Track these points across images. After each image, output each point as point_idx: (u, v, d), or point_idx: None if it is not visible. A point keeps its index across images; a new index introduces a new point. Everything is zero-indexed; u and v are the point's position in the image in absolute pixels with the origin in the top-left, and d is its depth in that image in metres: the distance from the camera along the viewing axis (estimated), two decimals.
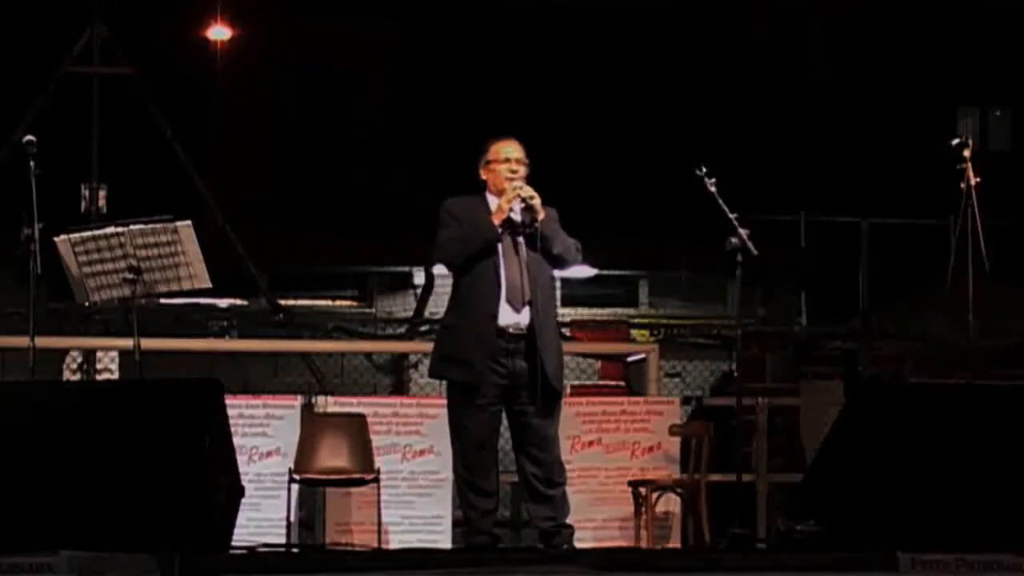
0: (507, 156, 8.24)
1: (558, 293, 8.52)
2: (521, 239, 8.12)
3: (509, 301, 8.06)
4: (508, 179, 8.17)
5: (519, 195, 8.09)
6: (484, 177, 8.32)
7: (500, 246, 8.10)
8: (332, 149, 19.84)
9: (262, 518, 9.52)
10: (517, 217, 8.12)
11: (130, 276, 8.96)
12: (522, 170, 8.22)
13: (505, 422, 8.27)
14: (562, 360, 8.36)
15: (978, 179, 9.31)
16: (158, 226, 9.06)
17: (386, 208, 18.16)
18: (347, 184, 19.24)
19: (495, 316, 8.04)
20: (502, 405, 8.15)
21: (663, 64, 19.53)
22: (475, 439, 8.13)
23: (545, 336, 8.09)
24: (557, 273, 8.40)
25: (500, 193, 8.17)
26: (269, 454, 9.88)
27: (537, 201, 8.09)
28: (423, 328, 16.71)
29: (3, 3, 17.75)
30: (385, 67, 20.15)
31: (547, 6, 19.66)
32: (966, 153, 9.41)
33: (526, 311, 8.06)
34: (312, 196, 19.08)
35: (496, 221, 8.10)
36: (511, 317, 8.06)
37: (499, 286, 8.06)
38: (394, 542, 9.82)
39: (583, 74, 19.41)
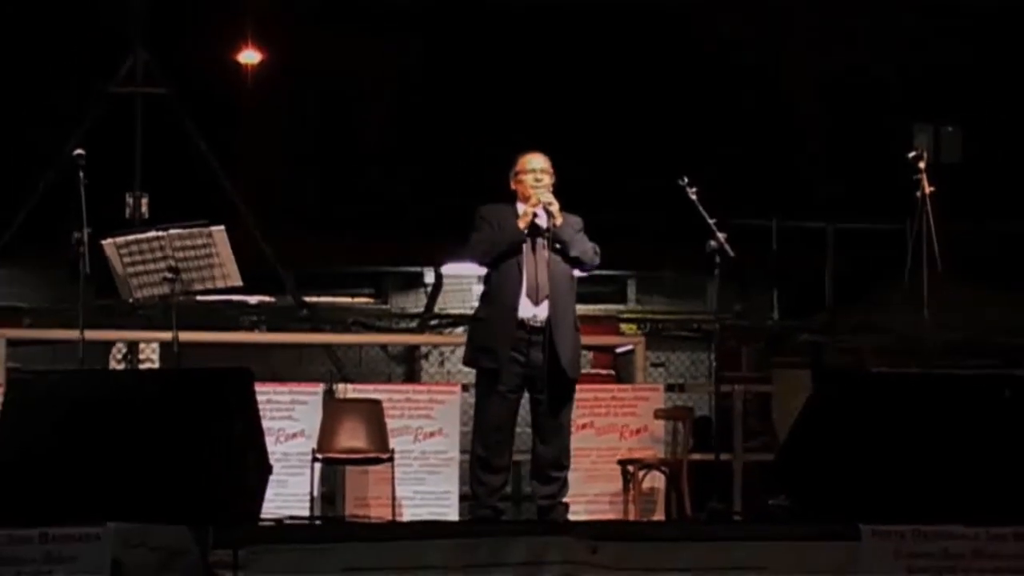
0: (532, 167, 8.29)
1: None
2: (543, 241, 8.15)
3: (529, 296, 8.11)
4: (533, 187, 8.21)
5: (540, 201, 8.14)
6: (513, 187, 8.37)
7: (524, 247, 8.13)
8: (349, 159, 19.85)
9: (288, 493, 9.52)
10: (542, 222, 8.16)
11: (169, 275, 8.99)
12: (546, 179, 8.26)
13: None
14: (579, 352, 8.40)
15: (932, 188, 9.34)
16: (194, 230, 9.08)
17: (399, 213, 18.17)
18: (363, 191, 19.25)
19: (516, 309, 8.10)
20: (522, 392, 8.19)
21: (652, 81, 19.58)
22: (494, 423, 8.18)
23: (562, 329, 8.13)
24: (577, 273, 8.41)
25: (527, 200, 8.21)
26: (294, 436, 9.88)
27: (555, 207, 8.12)
28: (433, 322, 16.74)
29: (56, 30, 17.76)
30: (400, 86, 20.17)
31: (540, 23, 19.71)
32: (921, 165, 9.44)
33: (544, 305, 8.11)
34: (332, 203, 19.09)
35: (521, 225, 8.14)
36: (530, 310, 8.11)
37: (521, 282, 8.11)
38: (407, 515, 9.82)
39: (576, 89, 19.45)
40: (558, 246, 8.18)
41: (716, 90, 19.84)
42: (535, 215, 8.16)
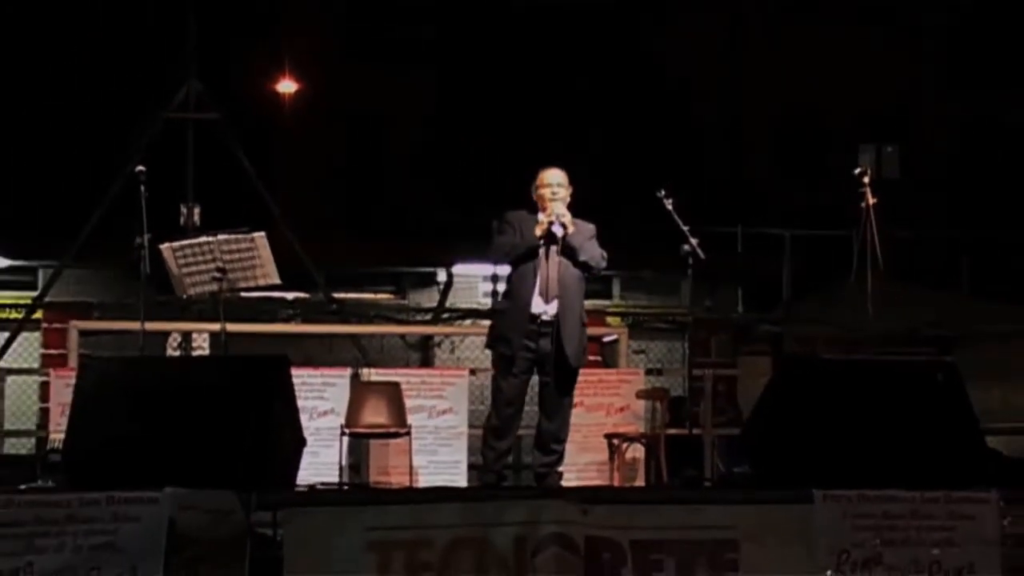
0: (549, 182, 8.23)
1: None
2: (556, 248, 8.13)
3: (541, 294, 8.08)
4: (550, 200, 8.17)
5: (555, 214, 8.10)
6: (535, 199, 8.30)
7: (540, 251, 8.10)
8: (372, 175, 19.90)
9: (320, 463, 9.48)
10: (558, 231, 8.10)
11: (218, 275, 9.00)
12: (562, 192, 8.21)
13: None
14: (583, 344, 8.33)
15: (875, 200, 9.34)
16: (239, 236, 9.09)
17: (415, 222, 18.20)
18: (384, 203, 19.30)
19: (529, 305, 8.08)
20: (532, 374, 8.19)
21: (640, 116, 19.74)
22: (507, 399, 8.19)
23: (568, 324, 8.09)
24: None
25: (545, 211, 8.18)
26: (325, 413, 9.86)
27: (568, 219, 8.08)
28: (444, 315, 16.71)
29: (119, 65, 17.79)
30: (416, 111, 20.24)
31: (535, 66, 19.83)
32: (865, 180, 9.45)
33: (554, 303, 8.07)
34: (358, 213, 19.14)
35: (538, 233, 8.09)
36: (541, 307, 8.09)
37: (534, 282, 8.07)
38: (422, 481, 9.81)
39: (568, 120, 19.57)
40: (568, 252, 8.16)
41: (694, 121, 20.01)
42: (551, 224, 8.12)
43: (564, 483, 8.43)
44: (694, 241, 8.49)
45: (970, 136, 21.58)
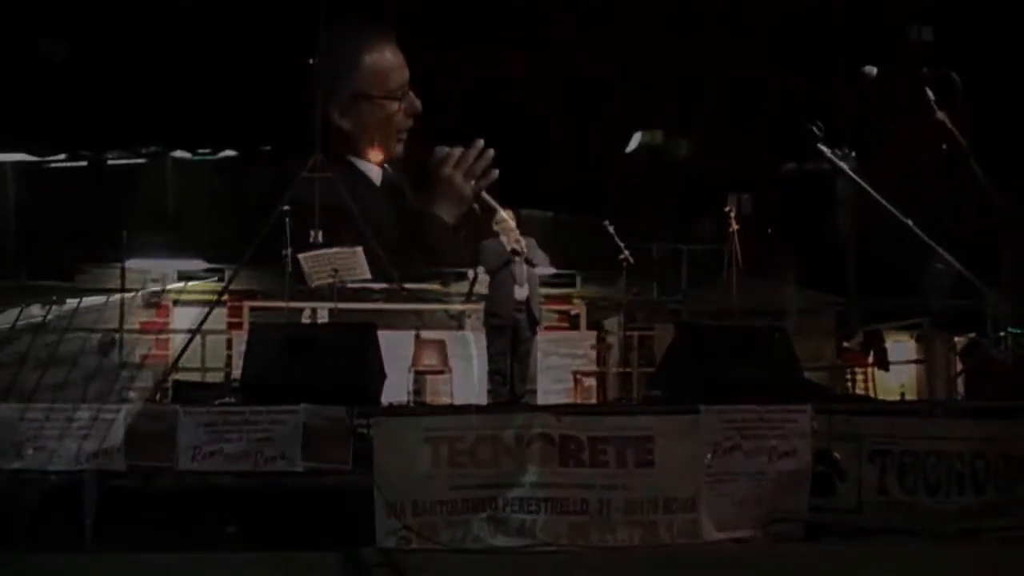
0: (503, 218, 8.33)
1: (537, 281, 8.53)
2: (519, 257, 8.20)
3: (518, 284, 8.18)
4: (506, 230, 8.24)
5: (518, 238, 8.17)
6: (494, 229, 8.39)
7: (512, 261, 8.18)
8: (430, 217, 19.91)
9: (395, 389, 9.39)
10: (520, 249, 8.18)
11: (333, 273, 9.04)
12: (512, 223, 8.26)
13: None
14: (541, 309, 8.41)
15: (737, 227, 9.37)
16: (346, 249, 9.15)
17: (451, 241, 18.25)
18: (435, 231, 19.31)
19: (512, 292, 8.19)
20: (512, 334, 8.24)
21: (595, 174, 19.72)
22: (497, 352, 8.27)
23: (533, 299, 8.19)
24: (540, 270, 8.46)
25: (508, 236, 8.24)
26: (398, 359, 9.86)
27: (521, 239, 8.13)
28: (473, 298, 16.62)
29: (269, 142, 17.73)
30: None
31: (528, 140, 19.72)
32: (732, 215, 9.48)
33: (525, 287, 8.16)
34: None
35: (510, 249, 8.18)
36: (518, 292, 8.16)
37: (513, 278, 8.16)
38: (458, 401, 9.76)
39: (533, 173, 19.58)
40: (525, 259, 8.24)
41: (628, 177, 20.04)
42: (516, 243, 8.19)
43: (544, 402, 8.47)
44: (627, 252, 8.55)
45: (794, 189, 21.67)
